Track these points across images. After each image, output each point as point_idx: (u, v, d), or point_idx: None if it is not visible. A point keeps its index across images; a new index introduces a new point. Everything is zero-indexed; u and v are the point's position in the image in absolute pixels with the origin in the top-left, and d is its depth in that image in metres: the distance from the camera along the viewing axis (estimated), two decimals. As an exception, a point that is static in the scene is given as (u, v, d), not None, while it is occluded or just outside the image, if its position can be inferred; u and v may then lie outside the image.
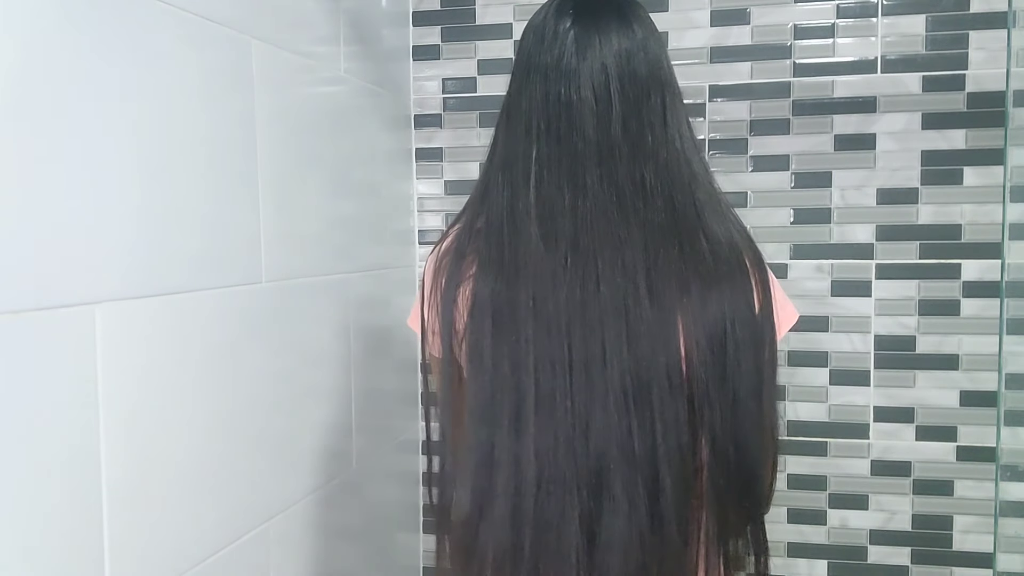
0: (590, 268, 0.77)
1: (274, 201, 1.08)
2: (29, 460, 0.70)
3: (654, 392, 0.76)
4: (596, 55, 0.80)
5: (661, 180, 0.80)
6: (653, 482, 0.76)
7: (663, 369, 0.77)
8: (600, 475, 0.76)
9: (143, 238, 0.83)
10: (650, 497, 0.76)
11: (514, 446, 0.78)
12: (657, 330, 0.77)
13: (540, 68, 0.82)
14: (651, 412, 0.76)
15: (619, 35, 0.81)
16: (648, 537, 0.76)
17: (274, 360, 1.09)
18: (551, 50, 0.81)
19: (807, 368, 1.47)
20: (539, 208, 0.79)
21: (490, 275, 0.80)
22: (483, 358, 0.79)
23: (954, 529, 1.44)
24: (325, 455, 1.23)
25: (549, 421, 0.77)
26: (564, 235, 0.78)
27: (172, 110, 0.88)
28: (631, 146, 0.79)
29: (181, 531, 0.89)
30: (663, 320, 0.77)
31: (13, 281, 0.68)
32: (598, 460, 0.76)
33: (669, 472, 0.76)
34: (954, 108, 1.40)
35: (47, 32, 0.71)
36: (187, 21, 0.90)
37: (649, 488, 0.76)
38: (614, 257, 0.77)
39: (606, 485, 0.76)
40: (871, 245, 1.44)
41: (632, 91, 0.80)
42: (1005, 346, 1.09)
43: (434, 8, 1.58)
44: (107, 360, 0.78)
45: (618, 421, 0.76)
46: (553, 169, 0.80)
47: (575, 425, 0.76)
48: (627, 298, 0.77)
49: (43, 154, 0.71)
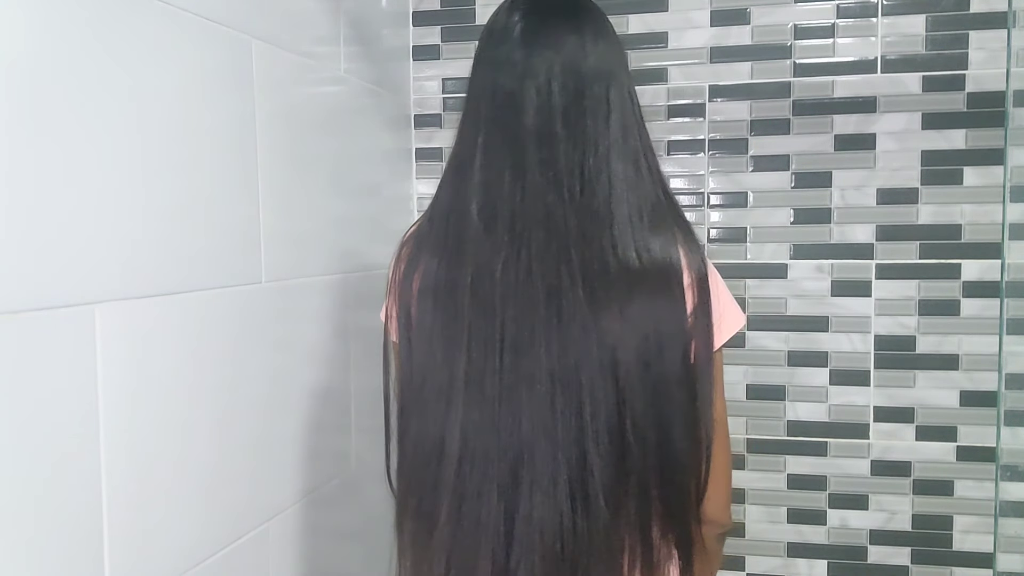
0: (524, 251, 0.80)
1: (274, 201, 1.08)
2: (29, 460, 0.70)
3: (583, 375, 0.78)
4: (541, 48, 0.83)
5: (598, 170, 0.81)
6: (580, 463, 0.78)
7: (592, 353, 0.78)
8: (522, 453, 0.79)
9: (143, 238, 0.83)
10: (575, 478, 0.78)
11: (442, 419, 0.82)
12: (586, 314, 0.79)
13: (489, 61, 0.86)
14: (579, 394, 0.78)
15: (565, 30, 0.84)
16: (570, 517, 0.78)
17: (274, 360, 1.09)
18: (500, 44, 0.85)
19: (807, 368, 1.47)
20: (481, 192, 0.82)
21: (436, 257, 0.84)
22: (422, 335, 0.84)
23: (954, 529, 1.44)
24: (325, 455, 1.23)
25: (477, 398, 0.80)
26: (503, 218, 0.81)
27: (172, 110, 0.88)
28: (570, 136, 0.81)
29: (181, 531, 0.89)
30: (593, 305, 0.79)
31: (13, 281, 0.68)
32: (521, 438, 0.79)
33: (597, 453, 0.78)
34: (954, 108, 1.40)
35: (47, 32, 0.71)
36: (187, 21, 0.90)
37: (574, 469, 0.78)
38: (548, 241, 0.80)
39: (528, 463, 0.79)
40: (871, 245, 1.44)
41: (573, 83, 0.82)
42: (1005, 346, 1.08)
43: (434, 8, 1.58)
44: (107, 360, 0.78)
45: (544, 402, 0.79)
46: (496, 155, 0.83)
47: (501, 403, 0.79)
48: (560, 281, 0.79)
49: (43, 154, 0.71)
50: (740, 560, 1.52)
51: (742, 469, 1.50)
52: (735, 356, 1.49)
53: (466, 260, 0.82)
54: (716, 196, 1.49)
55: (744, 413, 1.50)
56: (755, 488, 1.50)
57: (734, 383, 1.49)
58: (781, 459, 1.49)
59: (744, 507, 1.51)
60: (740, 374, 1.49)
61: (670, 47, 1.49)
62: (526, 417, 0.79)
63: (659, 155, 1.48)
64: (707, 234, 1.50)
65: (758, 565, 1.51)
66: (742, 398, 1.50)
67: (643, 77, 1.50)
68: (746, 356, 1.49)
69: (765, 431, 1.49)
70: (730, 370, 1.49)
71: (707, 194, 1.50)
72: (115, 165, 0.79)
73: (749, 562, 1.52)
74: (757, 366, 1.49)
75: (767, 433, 1.49)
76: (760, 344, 1.49)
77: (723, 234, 1.49)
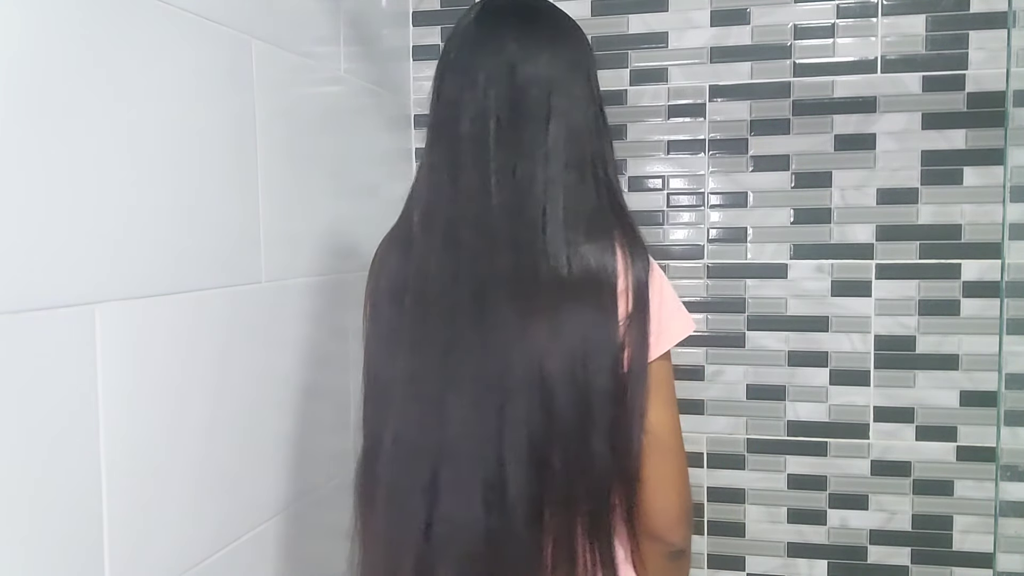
0: (453, 255, 0.82)
1: (274, 201, 1.08)
2: (29, 460, 0.70)
3: (507, 382, 0.79)
4: (483, 55, 0.84)
5: (532, 176, 0.81)
6: (498, 469, 0.78)
7: (516, 360, 0.79)
8: (443, 454, 0.80)
9: (143, 238, 0.83)
10: (491, 484, 0.79)
11: (384, 415, 0.85)
12: (512, 322, 0.79)
13: (442, 65, 0.87)
14: (502, 401, 0.79)
15: (509, 36, 0.84)
16: (483, 521, 0.78)
17: (273, 360, 1.09)
18: (451, 50, 0.87)
19: (807, 368, 1.47)
20: (425, 195, 0.85)
21: (393, 258, 0.88)
22: (376, 333, 0.89)
23: (954, 529, 1.44)
24: (325, 455, 1.23)
25: (414, 397, 0.83)
26: (438, 223, 0.83)
27: (172, 110, 0.88)
28: (505, 142, 0.81)
29: (181, 531, 0.89)
30: (519, 312, 0.79)
31: (13, 281, 0.68)
32: (444, 440, 0.80)
33: (515, 460, 0.78)
34: (954, 108, 1.40)
35: (47, 33, 0.71)
36: (187, 21, 0.90)
37: (492, 474, 0.79)
38: (477, 246, 0.81)
39: (448, 465, 0.80)
40: (871, 245, 1.44)
41: (509, 89, 0.82)
42: (1005, 346, 1.08)
43: (434, 8, 1.58)
44: (107, 360, 0.78)
45: (468, 406, 0.80)
46: (439, 160, 0.85)
47: (432, 404, 0.81)
48: (485, 287, 0.80)
49: (43, 154, 0.71)
50: (740, 560, 1.52)
51: (742, 469, 1.50)
52: (735, 356, 1.49)
53: (412, 262, 0.85)
54: (716, 196, 1.49)
55: (744, 413, 1.50)
56: (755, 488, 1.50)
57: (734, 383, 1.49)
58: (781, 459, 1.49)
59: (744, 507, 1.51)
60: (740, 374, 1.49)
61: (670, 47, 1.49)
62: (451, 420, 0.80)
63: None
64: (707, 234, 1.50)
65: (758, 565, 1.51)
66: (742, 398, 1.50)
67: (643, 77, 1.50)
68: (746, 356, 1.49)
69: (765, 431, 1.49)
70: (730, 370, 1.50)
71: (707, 194, 1.50)
72: (115, 165, 0.79)
73: (749, 562, 1.52)
74: (757, 366, 1.49)
75: (767, 433, 1.49)
76: (760, 344, 1.49)
77: (723, 234, 1.49)
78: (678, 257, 1.51)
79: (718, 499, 1.52)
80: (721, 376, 1.50)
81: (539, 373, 0.78)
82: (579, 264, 0.80)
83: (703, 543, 1.53)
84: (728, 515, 1.52)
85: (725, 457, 1.51)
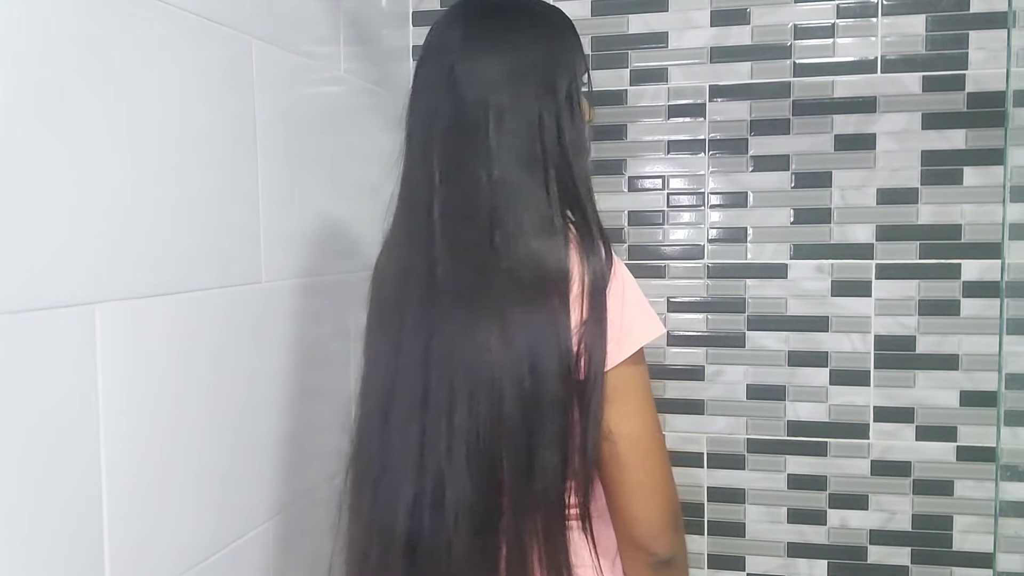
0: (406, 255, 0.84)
1: (274, 201, 1.08)
2: (29, 460, 0.70)
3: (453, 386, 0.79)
4: (433, 56, 0.84)
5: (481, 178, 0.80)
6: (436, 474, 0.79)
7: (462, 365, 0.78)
8: (387, 454, 0.82)
9: (143, 238, 0.83)
10: (428, 488, 0.79)
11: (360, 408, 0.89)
12: (460, 325, 0.79)
13: (417, 65, 0.88)
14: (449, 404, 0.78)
15: (459, 35, 0.83)
16: (415, 524, 0.80)
17: (274, 360, 1.09)
18: (424, 51, 0.87)
19: (807, 368, 1.47)
20: (400, 198, 0.87)
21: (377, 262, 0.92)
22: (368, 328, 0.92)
23: (954, 529, 1.44)
24: (325, 455, 1.23)
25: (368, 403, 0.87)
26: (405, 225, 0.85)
27: (172, 110, 0.88)
28: (457, 144, 0.81)
29: (181, 531, 0.89)
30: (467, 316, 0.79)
31: (13, 281, 0.68)
32: (388, 438, 0.82)
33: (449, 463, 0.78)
34: (954, 108, 1.40)
35: (47, 33, 0.71)
36: (187, 21, 0.90)
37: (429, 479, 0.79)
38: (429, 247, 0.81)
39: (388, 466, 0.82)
40: (871, 245, 1.44)
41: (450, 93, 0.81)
42: (1005, 346, 1.09)
43: (434, 8, 1.58)
44: (107, 360, 0.78)
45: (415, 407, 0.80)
46: (409, 163, 0.86)
47: (378, 411, 0.83)
48: (431, 291, 0.81)
49: (43, 154, 0.71)
50: (740, 560, 1.52)
51: (742, 469, 1.50)
52: (735, 356, 1.49)
53: (377, 266, 0.91)
54: (716, 196, 1.49)
55: (744, 413, 1.50)
56: (755, 488, 1.50)
57: (734, 383, 1.49)
58: (781, 459, 1.49)
59: (744, 507, 1.51)
60: (740, 374, 1.49)
61: (670, 47, 1.49)
62: (392, 424, 0.82)
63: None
64: (707, 234, 1.50)
65: (758, 565, 1.51)
66: (742, 398, 1.50)
67: (643, 77, 1.50)
68: (746, 356, 1.49)
69: (765, 431, 1.49)
70: (730, 370, 1.50)
71: (707, 194, 1.50)
72: (115, 165, 0.79)
73: (749, 562, 1.52)
74: (757, 366, 1.49)
75: (767, 433, 1.49)
76: (760, 344, 1.49)
77: (723, 234, 1.49)
78: (678, 257, 1.51)
79: (718, 499, 1.52)
80: (721, 376, 1.50)
81: (487, 379, 0.77)
82: (529, 267, 0.78)
83: (703, 543, 1.53)
84: (728, 515, 1.52)
85: (725, 457, 1.51)
